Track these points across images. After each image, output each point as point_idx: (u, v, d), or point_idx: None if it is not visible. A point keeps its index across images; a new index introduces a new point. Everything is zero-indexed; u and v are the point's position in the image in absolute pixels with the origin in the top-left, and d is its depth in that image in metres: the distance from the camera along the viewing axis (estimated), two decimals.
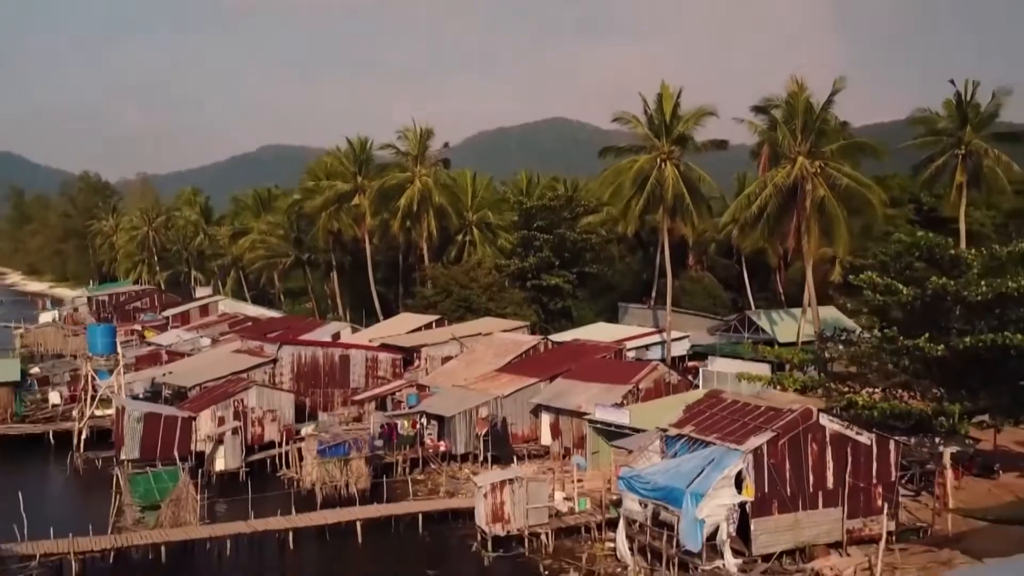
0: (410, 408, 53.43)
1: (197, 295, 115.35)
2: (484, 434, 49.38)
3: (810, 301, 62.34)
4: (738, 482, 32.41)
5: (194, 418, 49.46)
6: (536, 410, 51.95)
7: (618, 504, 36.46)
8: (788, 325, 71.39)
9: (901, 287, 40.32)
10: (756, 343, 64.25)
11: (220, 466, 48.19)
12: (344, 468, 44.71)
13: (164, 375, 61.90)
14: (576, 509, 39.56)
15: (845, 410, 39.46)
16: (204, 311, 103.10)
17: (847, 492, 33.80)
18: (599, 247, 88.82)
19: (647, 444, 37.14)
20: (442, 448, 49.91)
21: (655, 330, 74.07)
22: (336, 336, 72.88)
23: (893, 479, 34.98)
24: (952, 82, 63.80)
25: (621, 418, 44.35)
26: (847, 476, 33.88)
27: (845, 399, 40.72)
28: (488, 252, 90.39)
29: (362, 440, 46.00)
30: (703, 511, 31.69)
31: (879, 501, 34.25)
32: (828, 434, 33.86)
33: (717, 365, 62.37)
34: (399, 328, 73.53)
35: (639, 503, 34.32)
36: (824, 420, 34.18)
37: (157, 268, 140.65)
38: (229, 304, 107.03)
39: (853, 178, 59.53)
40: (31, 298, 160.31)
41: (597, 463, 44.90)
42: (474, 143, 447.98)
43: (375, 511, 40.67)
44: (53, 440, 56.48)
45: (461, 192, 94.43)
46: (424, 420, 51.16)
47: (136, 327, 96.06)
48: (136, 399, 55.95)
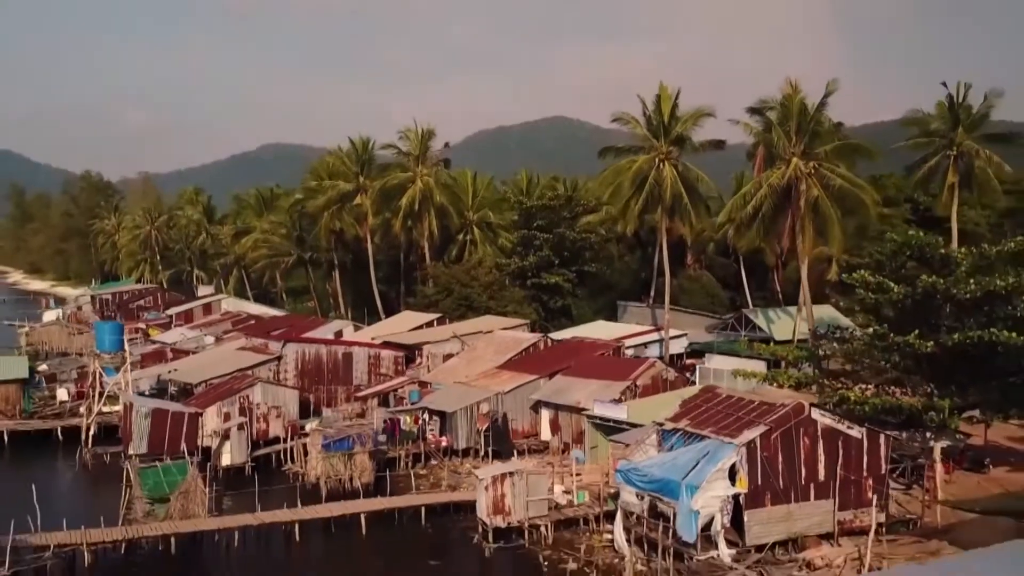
0: (412, 404, 54.18)
1: (199, 294, 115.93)
2: (485, 429, 50.10)
3: (805, 299, 62.99)
4: (732, 474, 33.07)
5: (200, 414, 49.98)
6: (536, 406, 52.70)
7: (616, 497, 37.13)
8: (784, 323, 72.15)
9: (892, 285, 40.75)
10: (753, 341, 65.09)
11: (226, 461, 48.85)
12: (348, 462, 45.42)
13: (170, 372, 62.59)
14: (575, 502, 40.21)
15: (838, 406, 39.87)
16: (207, 309, 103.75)
17: (838, 484, 34.50)
18: (598, 246, 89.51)
19: (644, 438, 37.81)
20: (444, 443, 50.71)
21: (654, 328, 74.76)
22: (339, 334, 73.39)
23: (883, 472, 35.65)
24: (944, 84, 64.59)
25: (619, 414, 44.91)
26: (838, 469, 34.55)
27: (838, 395, 41.25)
28: (489, 251, 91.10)
29: (366, 435, 46.61)
30: (698, 503, 32.28)
31: (869, 493, 34.94)
32: (820, 428, 34.54)
33: (714, 362, 63.03)
34: (401, 326, 74.20)
35: (636, 495, 34.91)
36: (816, 414, 34.83)
37: (159, 267, 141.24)
38: (232, 303, 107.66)
39: (846, 179, 60.19)
40: (33, 297, 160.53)
41: (595, 457, 45.38)
42: (474, 142, 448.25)
43: (379, 504, 41.52)
44: (61, 436, 57.14)
45: (462, 192, 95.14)
46: (426, 416, 51.90)
47: (140, 325, 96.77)
48: (142, 396, 56.78)
